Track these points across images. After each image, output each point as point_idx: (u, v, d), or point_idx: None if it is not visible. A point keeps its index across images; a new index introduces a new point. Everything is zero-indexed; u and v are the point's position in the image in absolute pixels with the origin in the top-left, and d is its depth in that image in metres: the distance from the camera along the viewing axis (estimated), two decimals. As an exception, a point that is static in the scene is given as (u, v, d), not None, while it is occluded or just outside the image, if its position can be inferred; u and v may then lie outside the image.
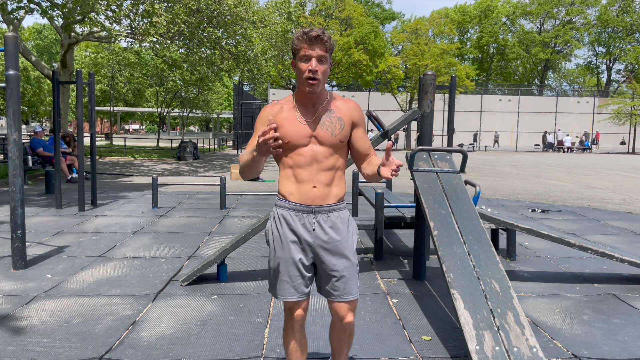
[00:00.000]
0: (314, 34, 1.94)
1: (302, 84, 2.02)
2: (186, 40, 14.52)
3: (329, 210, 2.11)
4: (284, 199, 2.12)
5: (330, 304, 2.21)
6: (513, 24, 56.14)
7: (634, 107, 34.02)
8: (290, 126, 2.05)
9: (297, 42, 1.98)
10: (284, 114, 2.07)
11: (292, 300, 2.14)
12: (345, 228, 2.15)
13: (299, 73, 2.01)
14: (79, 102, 7.43)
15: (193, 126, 76.03)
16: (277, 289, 2.16)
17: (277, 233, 2.13)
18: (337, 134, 2.07)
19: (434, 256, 5.07)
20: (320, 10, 34.61)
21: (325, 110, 2.09)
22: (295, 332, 2.22)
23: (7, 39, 4.33)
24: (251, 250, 5.28)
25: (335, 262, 2.12)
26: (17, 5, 12.51)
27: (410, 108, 35.48)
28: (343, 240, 2.13)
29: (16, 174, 4.39)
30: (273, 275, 2.17)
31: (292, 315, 2.18)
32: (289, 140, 2.04)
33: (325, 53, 1.97)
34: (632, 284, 4.34)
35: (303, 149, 2.05)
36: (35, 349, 2.90)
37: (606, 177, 15.05)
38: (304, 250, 2.12)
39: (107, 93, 37.26)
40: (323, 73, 1.99)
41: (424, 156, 4.32)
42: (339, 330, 2.25)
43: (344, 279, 2.14)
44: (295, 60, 2.02)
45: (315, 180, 2.07)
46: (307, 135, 2.05)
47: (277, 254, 2.13)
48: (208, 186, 10.71)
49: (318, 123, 2.06)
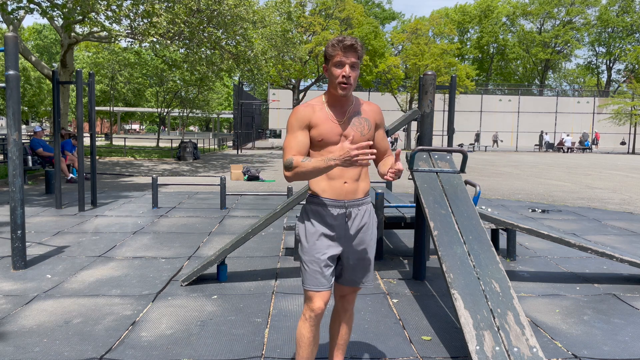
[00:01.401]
0: (348, 42, 2.09)
1: (334, 88, 2.17)
2: (186, 40, 14.52)
3: (359, 204, 2.26)
4: (317, 196, 2.24)
5: (343, 291, 2.38)
6: (513, 24, 56.15)
7: (634, 107, 34.01)
8: (324, 125, 2.18)
9: (332, 49, 2.13)
10: (317, 114, 2.20)
11: (323, 291, 2.23)
12: (371, 220, 2.32)
13: (331, 77, 2.16)
14: (79, 102, 7.43)
15: (193, 126, 76.06)
16: (311, 282, 2.23)
17: (312, 227, 2.23)
18: (365, 134, 2.24)
19: (434, 256, 5.07)
20: (320, 10, 34.58)
21: (354, 111, 2.25)
22: (315, 325, 2.28)
23: (7, 39, 4.33)
24: (251, 250, 5.28)
25: (362, 253, 2.30)
26: (17, 5, 12.51)
27: (410, 108, 35.48)
28: (370, 231, 2.31)
29: (16, 174, 4.39)
30: (307, 268, 2.24)
31: (318, 306, 2.24)
32: (322, 138, 2.17)
33: (357, 60, 2.14)
34: (632, 284, 4.34)
35: (334, 146, 2.18)
36: (35, 349, 2.90)
37: (606, 177, 15.05)
38: (337, 242, 2.25)
39: (107, 93, 37.28)
40: (354, 78, 2.15)
41: (424, 156, 4.32)
42: (340, 311, 2.44)
43: (367, 268, 2.34)
44: (328, 65, 2.17)
45: (346, 177, 2.21)
46: (338, 133, 2.19)
47: (311, 248, 2.23)
48: (208, 186, 10.71)
49: (349, 123, 2.22)
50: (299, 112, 2.20)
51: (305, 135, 2.18)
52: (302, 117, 2.19)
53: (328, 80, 2.20)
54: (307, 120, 2.18)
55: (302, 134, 2.18)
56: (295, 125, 2.19)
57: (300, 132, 2.18)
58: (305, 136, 2.18)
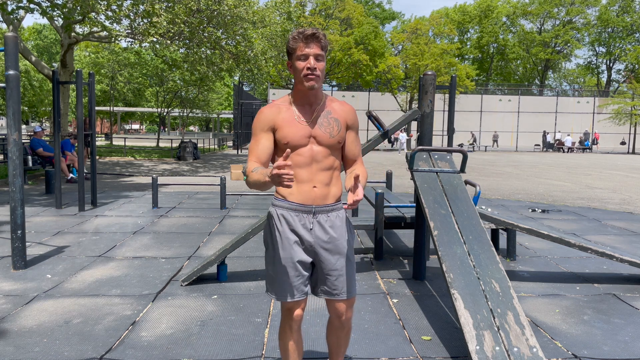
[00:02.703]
0: (309, 32, 1.97)
1: (300, 82, 2.03)
2: (186, 40, 14.52)
3: (329, 210, 2.13)
4: (284, 199, 2.11)
5: (329, 303, 2.22)
6: (513, 24, 56.14)
7: (634, 107, 34.01)
8: (290, 127, 2.05)
9: (293, 42, 2.00)
10: (283, 115, 2.07)
11: (293, 300, 2.13)
12: (343, 227, 2.16)
13: (296, 72, 2.02)
14: (79, 102, 7.43)
15: (193, 126, 76.06)
16: (277, 290, 2.13)
17: (278, 233, 2.11)
18: (335, 135, 2.10)
19: (434, 256, 5.07)
20: (320, 10, 34.60)
21: (323, 111, 2.10)
22: (293, 332, 2.20)
23: (7, 39, 4.33)
24: (251, 250, 5.28)
25: (336, 261, 2.13)
26: (17, 5, 12.51)
27: (410, 108, 35.48)
28: (342, 239, 2.15)
29: (16, 174, 4.39)
30: (273, 277, 2.14)
31: (292, 316, 2.17)
32: (288, 140, 2.04)
33: (321, 51, 2.00)
34: (632, 284, 4.34)
35: (302, 149, 2.06)
36: (35, 349, 2.90)
37: (606, 177, 15.05)
38: (305, 250, 2.11)
39: (107, 93, 37.28)
40: (321, 70, 2.01)
41: (424, 156, 4.32)
42: (337, 328, 2.26)
43: (344, 278, 2.15)
44: (291, 60, 2.04)
45: (315, 180, 2.07)
46: (306, 135, 2.06)
47: (277, 255, 2.11)
48: (208, 186, 10.71)
49: (316, 123, 2.08)
50: (262, 114, 2.07)
51: (269, 138, 2.06)
52: (265, 118, 2.06)
53: (294, 77, 2.06)
54: (271, 122, 2.05)
55: (265, 137, 2.05)
56: (258, 127, 2.07)
57: (263, 135, 2.06)
58: (268, 139, 2.06)
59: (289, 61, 2.06)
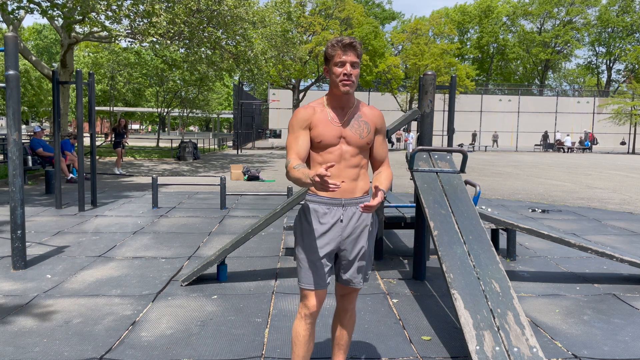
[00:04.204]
0: (347, 41, 2.13)
1: (335, 87, 2.19)
2: (186, 40, 14.52)
3: (357, 202, 2.27)
4: (315, 194, 2.26)
5: (343, 291, 2.38)
6: (513, 24, 56.14)
7: (634, 107, 34.01)
8: (324, 127, 2.21)
9: (332, 49, 2.17)
10: (317, 115, 2.23)
11: (318, 289, 2.24)
12: (370, 220, 2.31)
13: (332, 77, 2.19)
14: (79, 102, 7.43)
15: (193, 126, 76.05)
16: (307, 280, 2.24)
17: (308, 226, 2.24)
18: (364, 137, 2.25)
19: (434, 256, 5.07)
20: (320, 10, 34.56)
21: (354, 114, 2.27)
22: (311, 323, 2.29)
23: (7, 39, 4.33)
24: (251, 250, 5.28)
25: (359, 251, 2.28)
26: (17, 5, 12.51)
27: (410, 108, 35.46)
28: (369, 232, 2.31)
29: (16, 174, 4.39)
30: (303, 266, 2.26)
31: (313, 304, 2.26)
32: (321, 139, 2.20)
33: (357, 59, 2.16)
34: (632, 284, 4.34)
35: (333, 147, 2.22)
36: (35, 349, 2.90)
37: (606, 177, 15.05)
38: (333, 240, 2.24)
39: (107, 93, 37.27)
40: (356, 76, 2.17)
41: (424, 156, 4.32)
42: (341, 311, 2.43)
43: (365, 267, 2.33)
44: (328, 66, 2.21)
45: (343, 176, 2.23)
46: (337, 135, 2.22)
47: (308, 246, 2.24)
48: (208, 186, 10.71)
49: (348, 125, 2.24)
50: (300, 113, 2.25)
51: (306, 135, 2.22)
52: (302, 118, 2.23)
53: (330, 81, 2.24)
54: (308, 121, 2.22)
55: (303, 134, 2.22)
56: (296, 126, 2.24)
57: (300, 132, 2.22)
58: (305, 137, 2.22)
59: (326, 67, 2.23)
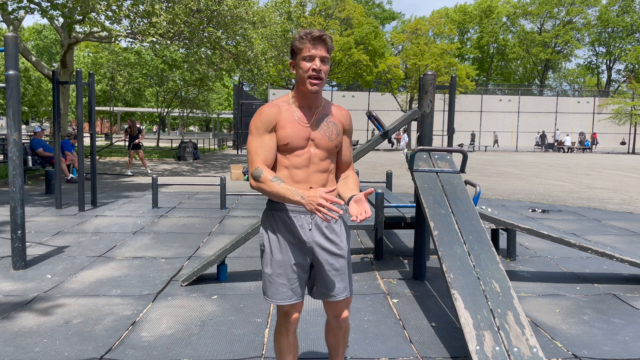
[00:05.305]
0: (317, 34, 1.95)
1: (303, 84, 2.00)
2: (186, 40, 14.52)
3: None
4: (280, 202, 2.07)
5: (326, 304, 2.21)
6: (513, 24, 56.14)
7: (634, 107, 34.01)
8: (291, 127, 2.02)
9: (300, 42, 1.97)
10: (284, 115, 2.03)
11: (290, 303, 2.10)
12: (340, 227, 2.15)
13: (300, 72, 1.99)
14: (79, 102, 7.43)
15: (193, 126, 76.04)
16: (273, 293, 2.10)
17: (275, 236, 2.09)
18: (333, 139, 2.09)
19: (434, 256, 5.07)
20: (320, 10, 34.59)
21: (322, 114, 2.09)
22: (289, 335, 2.18)
23: (7, 39, 4.33)
24: (251, 250, 5.28)
25: (333, 262, 2.11)
26: (17, 5, 12.51)
27: (410, 108, 35.46)
28: (339, 240, 2.13)
29: (16, 174, 4.39)
30: (270, 280, 2.10)
31: (289, 319, 2.15)
32: (288, 142, 2.01)
33: (327, 54, 1.98)
34: (632, 284, 4.34)
35: (301, 150, 2.03)
36: (35, 349, 2.90)
37: (606, 177, 15.05)
38: (303, 251, 2.09)
39: (107, 93, 37.28)
40: (325, 73, 1.99)
41: (424, 156, 4.32)
42: (335, 327, 2.25)
43: (342, 278, 2.14)
44: (295, 60, 2.01)
45: (312, 181, 2.05)
46: (305, 137, 2.04)
47: (275, 258, 2.08)
48: (208, 186, 10.71)
49: (316, 126, 2.06)
50: (264, 112, 2.02)
51: (272, 138, 2.02)
52: (267, 118, 2.01)
53: (297, 77, 2.02)
54: (274, 122, 2.01)
55: (269, 137, 2.02)
56: (261, 127, 2.01)
57: (266, 135, 2.01)
58: (271, 139, 2.02)
59: (292, 61, 2.03)
